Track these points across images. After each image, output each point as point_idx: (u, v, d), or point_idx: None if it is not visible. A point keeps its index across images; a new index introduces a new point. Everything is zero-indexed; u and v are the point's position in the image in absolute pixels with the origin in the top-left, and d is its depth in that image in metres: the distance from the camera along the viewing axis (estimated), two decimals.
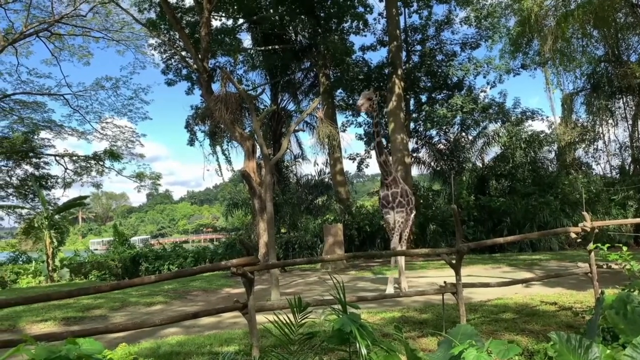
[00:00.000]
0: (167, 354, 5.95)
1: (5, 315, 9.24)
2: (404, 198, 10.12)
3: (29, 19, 22.06)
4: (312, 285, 12.58)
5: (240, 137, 15.60)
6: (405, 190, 10.28)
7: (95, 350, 2.77)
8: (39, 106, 26.54)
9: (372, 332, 3.92)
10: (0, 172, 28.93)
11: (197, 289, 12.89)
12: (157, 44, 22.57)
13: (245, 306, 5.46)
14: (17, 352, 2.53)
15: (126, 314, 9.87)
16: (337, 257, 7.56)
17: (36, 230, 21.55)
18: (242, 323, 7.99)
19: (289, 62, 21.29)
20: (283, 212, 20.32)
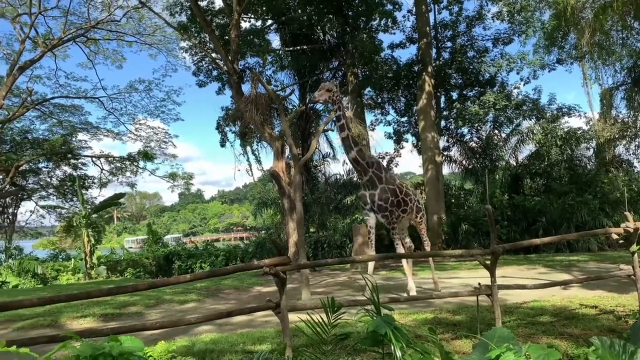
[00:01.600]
0: (202, 352, 6.03)
1: (48, 311, 9.55)
2: (384, 201, 9.29)
3: (66, 25, 22.80)
4: (342, 285, 12.56)
5: (269, 138, 15.71)
6: (393, 190, 9.45)
7: (136, 348, 2.83)
8: (76, 109, 27.41)
9: (406, 334, 3.89)
10: (41, 173, 30.05)
11: (229, 287, 13.05)
12: (188, 47, 22.99)
13: (278, 305, 5.49)
14: (64, 348, 2.62)
15: (161, 311, 10.06)
16: (369, 258, 7.50)
17: (75, 229, 22.27)
18: (273, 322, 8.04)
19: (317, 62, 21.31)
20: (312, 212, 20.36)
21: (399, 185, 9.79)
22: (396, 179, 10.03)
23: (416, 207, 10.16)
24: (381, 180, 9.37)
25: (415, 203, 10.10)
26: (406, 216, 10.00)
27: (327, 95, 8.96)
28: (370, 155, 9.75)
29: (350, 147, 9.11)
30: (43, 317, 9.19)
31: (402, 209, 9.68)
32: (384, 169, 9.66)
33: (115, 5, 22.91)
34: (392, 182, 9.58)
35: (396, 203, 9.51)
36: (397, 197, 9.55)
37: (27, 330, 8.58)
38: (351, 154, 9.14)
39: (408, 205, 9.80)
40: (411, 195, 9.99)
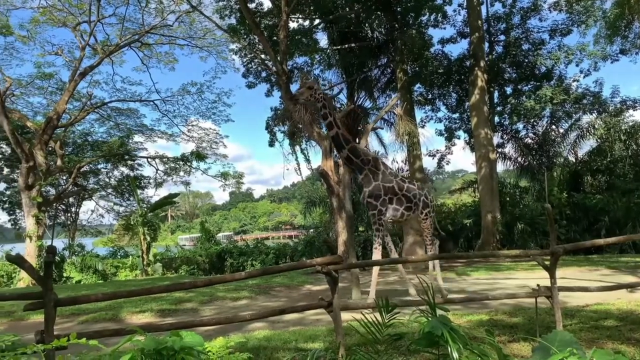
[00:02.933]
0: (255, 348, 6.11)
1: (109, 306, 10.00)
2: (375, 199, 8.94)
3: (122, 31, 23.80)
4: (393, 285, 12.42)
5: (318, 137, 15.74)
6: (390, 188, 9.03)
7: (196, 343, 2.91)
8: (132, 112, 28.57)
9: (463, 335, 3.80)
10: (101, 174, 31.59)
11: (279, 284, 13.20)
12: (237, 49, 23.38)
13: (330, 304, 5.48)
14: (129, 342, 2.72)
15: (214, 308, 10.30)
16: (422, 258, 7.37)
17: (132, 227, 23.25)
18: (325, 320, 8.07)
19: (365, 60, 21.14)
20: (361, 211, 20.26)
21: (399, 182, 9.28)
22: (397, 176, 9.60)
23: (422, 204, 9.55)
24: (376, 178, 9.02)
25: (422, 199, 9.56)
26: (412, 214, 9.50)
27: (309, 93, 8.74)
28: (366, 152, 9.38)
29: (342, 146, 8.87)
30: (105, 312, 9.62)
31: (405, 206, 9.25)
32: (382, 165, 9.27)
33: (168, 10, 23.68)
34: (389, 180, 9.14)
35: (396, 201, 9.13)
36: (395, 195, 9.15)
37: (90, 323, 8.99)
38: (343, 153, 9.00)
39: (412, 201, 9.35)
40: (415, 191, 9.44)
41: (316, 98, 8.75)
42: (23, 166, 20.24)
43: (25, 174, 20.09)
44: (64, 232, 31.40)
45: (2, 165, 29.92)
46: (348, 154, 8.91)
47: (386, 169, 9.31)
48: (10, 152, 27.97)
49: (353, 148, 8.99)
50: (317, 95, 8.75)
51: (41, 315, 8.92)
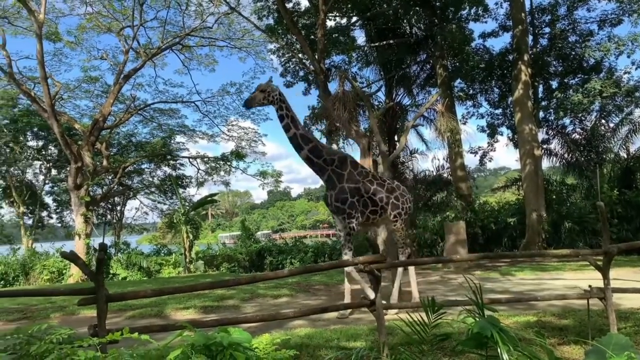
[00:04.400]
0: (298, 346, 6.12)
1: (154, 302, 10.23)
2: (342, 202, 8.48)
3: (164, 34, 24.43)
4: (435, 285, 12.22)
5: (356, 135, 15.68)
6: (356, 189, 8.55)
7: (244, 339, 2.94)
8: (174, 113, 29.29)
9: (513, 337, 3.69)
10: (144, 173, 32.57)
11: (319, 283, 13.21)
12: (275, 49, 23.59)
13: (373, 303, 5.44)
14: (179, 337, 2.77)
15: (255, 305, 10.41)
16: (468, 258, 7.17)
17: (175, 225, 23.84)
18: (366, 319, 8.02)
19: (403, 56, 20.90)
20: None
21: (366, 183, 8.76)
22: (368, 175, 9.00)
23: (392, 205, 8.94)
24: (341, 179, 8.58)
25: (392, 201, 8.96)
26: (378, 217, 8.96)
27: (262, 96, 8.47)
28: (330, 152, 8.90)
29: (300, 147, 8.51)
30: (150, 308, 9.84)
31: (371, 209, 8.72)
32: (350, 165, 8.78)
33: (207, 13, 24.12)
34: (355, 181, 8.65)
35: (362, 204, 8.63)
36: (361, 197, 8.64)
37: (137, 319, 9.23)
38: (302, 154, 8.56)
39: (378, 205, 8.75)
40: (382, 194, 8.82)
41: (270, 100, 8.48)
42: (72, 167, 21.07)
43: (74, 174, 20.91)
44: (110, 230, 32.53)
45: (51, 167, 31.30)
46: (308, 155, 8.55)
47: (355, 168, 8.84)
48: (58, 153, 29.24)
49: (314, 148, 8.59)
50: (272, 97, 8.48)
51: (91, 310, 9.25)
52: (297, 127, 8.60)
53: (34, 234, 29.70)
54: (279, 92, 8.59)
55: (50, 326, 3.32)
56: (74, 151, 20.70)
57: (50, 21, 22.50)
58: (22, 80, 22.50)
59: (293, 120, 8.58)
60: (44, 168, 31.32)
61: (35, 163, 31.18)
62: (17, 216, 29.97)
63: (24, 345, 2.99)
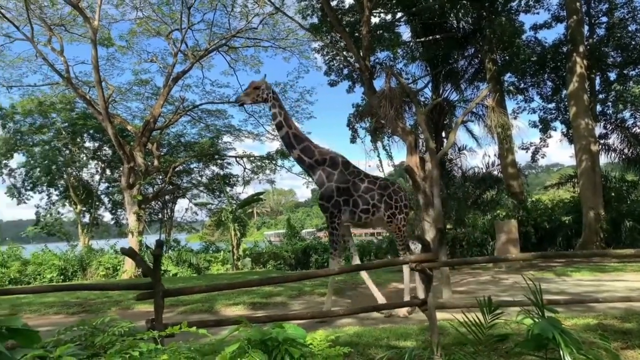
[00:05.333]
0: (347, 344, 6.08)
1: (204, 298, 10.47)
2: (327, 200, 8.41)
3: (211, 37, 24.95)
4: (486, 285, 11.90)
5: (402, 132, 15.43)
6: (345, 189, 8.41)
7: (299, 335, 2.94)
8: (221, 113, 29.88)
9: (576, 339, 3.53)
10: (193, 173, 33.46)
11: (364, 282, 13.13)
12: (319, 47, 23.64)
13: (424, 302, 5.35)
14: (236, 332, 2.79)
15: (303, 302, 10.46)
16: (523, 257, 6.91)
17: (223, 223, 24.35)
18: (415, 319, 7.91)
19: (450, 51, 20.41)
20: (448, 208, 19.62)
21: (356, 182, 8.61)
22: (359, 175, 8.80)
23: (385, 205, 8.67)
24: (331, 178, 8.50)
25: (385, 200, 8.67)
26: (372, 217, 8.68)
27: (255, 93, 8.45)
28: (322, 152, 8.80)
29: (292, 146, 8.53)
30: (201, 303, 10.08)
31: (362, 208, 8.52)
32: (341, 164, 8.69)
33: (253, 14, 24.45)
34: (345, 180, 8.55)
35: (352, 203, 8.46)
36: (351, 197, 8.48)
37: (188, 314, 9.46)
38: (294, 153, 8.60)
39: (369, 203, 8.56)
40: (373, 192, 8.60)
41: (264, 98, 8.48)
42: (125, 167, 21.89)
43: (127, 174, 21.72)
44: (161, 228, 33.60)
45: (106, 167, 32.67)
46: (299, 154, 8.58)
47: (346, 168, 8.72)
48: (112, 154, 30.47)
49: (305, 148, 8.60)
50: (265, 94, 8.48)
51: (145, 305, 9.57)
52: (290, 126, 8.64)
53: (90, 232, 31.08)
54: (272, 90, 8.68)
55: (113, 319, 3.44)
56: (126, 152, 21.50)
57: (104, 27, 23.45)
58: (78, 84, 23.58)
59: (286, 119, 8.63)
60: (99, 168, 32.76)
61: (91, 163, 32.65)
62: (75, 214, 31.45)
63: (88, 336, 3.11)
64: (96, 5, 20.66)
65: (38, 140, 29.59)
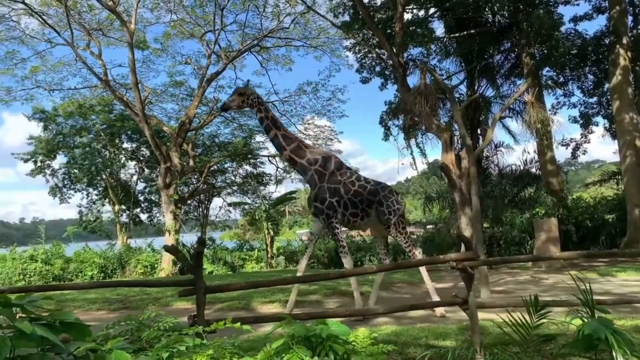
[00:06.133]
0: (385, 342, 6.02)
1: (241, 296, 10.57)
2: (321, 202, 8.34)
3: (243, 37, 25.20)
4: (525, 285, 11.62)
5: (437, 129, 15.23)
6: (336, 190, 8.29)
7: (342, 332, 2.93)
8: (254, 113, 30.09)
9: (630, 340, 3.39)
10: (227, 172, 33.91)
11: (400, 280, 13.03)
12: (351, 45, 23.55)
13: (465, 302, 5.25)
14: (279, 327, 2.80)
15: (338, 301, 10.45)
16: (568, 256, 6.70)
17: (257, 222, 24.59)
18: (453, 318, 7.79)
19: (485, 46, 19.97)
20: (484, 206, 19.20)
21: (347, 184, 8.45)
22: (352, 176, 8.70)
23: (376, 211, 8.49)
24: (322, 179, 8.45)
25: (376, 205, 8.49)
26: (360, 221, 8.58)
27: (240, 99, 8.52)
28: (314, 152, 8.83)
29: (282, 147, 8.56)
30: (238, 301, 10.19)
31: (350, 212, 8.37)
32: (334, 165, 8.66)
33: (284, 13, 24.56)
34: (337, 181, 8.45)
35: (342, 205, 8.33)
36: (342, 198, 8.35)
37: (225, 311, 9.57)
38: (284, 154, 8.68)
39: (359, 207, 8.41)
40: (363, 196, 8.45)
41: (249, 104, 8.57)
42: (161, 167, 22.37)
43: (164, 174, 22.19)
44: (196, 227, 34.20)
45: (144, 167, 33.50)
46: (290, 155, 8.62)
47: (338, 169, 8.66)
48: (149, 154, 31.20)
49: (296, 148, 8.63)
50: (250, 100, 8.56)
51: (183, 302, 9.73)
52: (278, 128, 8.71)
53: (128, 230, 31.94)
54: (257, 95, 8.80)
55: (158, 314, 3.51)
56: (163, 152, 21.96)
57: (139, 31, 23.99)
58: (116, 87, 24.22)
59: (274, 121, 8.70)
60: (137, 168, 33.62)
61: (129, 164, 33.54)
62: (114, 214, 32.37)
63: (134, 331, 3.18)
64: (132, 9, 21.22)
65: (78, 142, 30.59)
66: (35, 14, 21.00)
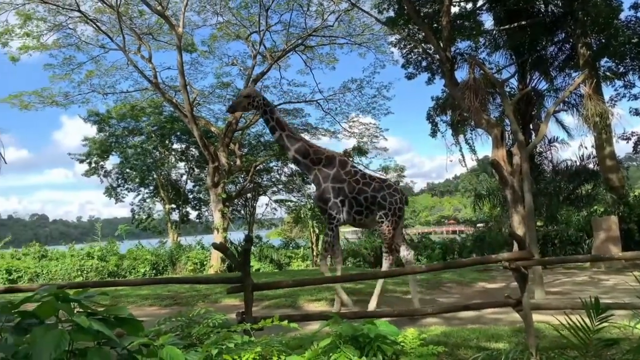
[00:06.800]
0: (434, 343, 5.90)
1: (287, 294, 10.62)
2: (324, 202, 8.46)
3: (287, 37, 25.37)
4: (583, 286, 11.10)
5: (487, 125, 14.76)
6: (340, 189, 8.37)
7: (390, 332, 2.87)
8: (298, 112, 30.30)
9: None
10: (273, 171, 34.31)
11: (450, 280, 12.73)
12: (396, 41, 23.22)
13: (519, 303, 5.05)
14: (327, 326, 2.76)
15: (384, 301, 10.31)
16: (631, 256, 6.32)
17: (302, 220, 24.72)
18: (505, 320, 7.54)
19: (538, 37, 19.15)
20: (538, 203, 18.48)
21: (352, 182, 8.52)
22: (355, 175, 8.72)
23: (378, 206, 8.48)
24: (326, 179, 8.54)
25: (379, 201, 8.50)
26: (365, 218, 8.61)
27: (247, 101, 8.70)
28: (318, 151, 8.87)
29: (287, 148, 8.73)
30: (284, 299, 10.23)
31: (355, 210, 8.42)
32: (338, 164, 8.71)
33: (328, 11, 24.51)
34: (341, 180, 8.51)
35: (347, 204, 8.42)
36: (346, 197, 8.43)
37: (272, 308, 9.63)
38: (289, 154, 8.84)
39: (363, 205, 8.46)
40: (367, 194, 8.47)
41: (255, 105, 8.74)
42: (210, 166, 22.89)
43: (212, 173, 22.71)
44: (243, 225, 34.77)
45: (193, 167, 34.42)
46: (294, 155, 8.74)
47: (342, 168, 8.71)
48: (197, 154, 32.02)
49: (300, 148, 8.73)
50: (256, 102, 8.71)
51: (231, 299, 9.87)
52: (283, 129, 8.86)
53: (178, 228, 32.90)
54: (263, 97, 9.00)
55: (207, 311, 3.55)
56: (211, 152, 22.47)
57: (187, 34, 24.61)
58: (165, 89, 24.96)
59: (278, 122, 8.85)
60: (186, 168, 34.59)
61: (179, 164, 34.56)
62: (164, 212, 33.46)
63: (184, 327, 3.23)
64: (180, 13, 21.81)
65: (130, 143, 31.82)
66: (90, 21, 22.00)
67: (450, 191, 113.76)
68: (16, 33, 21.67)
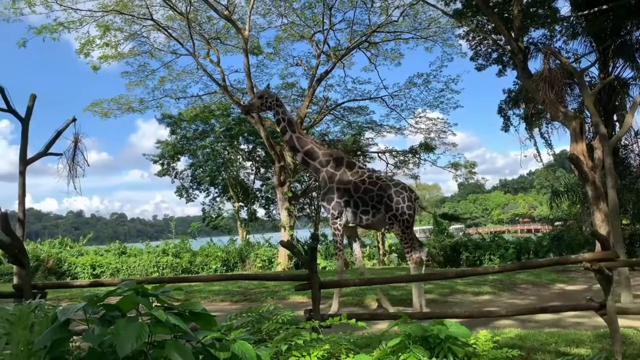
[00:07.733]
0: (508, 347, 5.64)
1: (354, 292, 10.68)
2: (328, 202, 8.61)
3: (351, 35, 25.28)
4: None
5: (564, 117, 13.94)
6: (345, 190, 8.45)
7: (461, 333, 2.78)
8: (363, 110, 30.14)
9: None
10: None
11: (525, 281, 12.18)
12: (464, 33, 22.49)
13: (603, 306, 4.72)
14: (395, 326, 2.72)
15: (455, 301, 10.05)
16: None
17: None
18: (587, 324, 7.15)
19: (621, 22, 17.75)
20: (623, 200, 17.17)
21: (358, 183, 8.58)
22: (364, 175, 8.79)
23: (385, 206, 8.37)
24: (333, 179, 8.67)
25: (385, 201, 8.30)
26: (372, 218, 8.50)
27: (260, 102, 8.94)
28: (326, 153, 9.03)
29: (296, 150, 8.90)
30: (352, 297, 10.28)
31: (362, 209, 8.36)
32: (346, 165, 8.87)
33: (393, 7, 24.16)
34: (347, 181, 8.60)
35: (353, 204, 8.51)
36: (351, 197, 8.52)
37: (339, 307, 9.66)
38: (298, 157, 9.02)
39: (369, 204, 8.49)
40: (373, 193, 8.46)
41: (268, 106, 9.02)
42: (276, 166, 23.36)
43: (278, 172, 23.16)
44: (309, 223, 35.15)
45: (260, 166, 35.28)
46: (303, 157, 8.93)
47: (350, 168, 8.84)
48: (264, 154, 32.77)
49: (309, 150, 8.90)
50: (269, 103, 9.00)
51: (299, 296, 10.03)
52: (294, 131, 9.01)
53: (247, 226, 33.86)
54: (276, 98, 9.27)
55: (276, 307, 3.62)
56: (277, 152, 22.91)
57: (253, 37, 25.21)
58: (233, 91, 25.75)
59: (290, 124, 9.03)
60: (254, 168, 35.53)
61: (247, 164, 35.56)
62: (234, 211, 34.55)
63: (255, 323, 3.31)
64: (246, 16, 22.40)
65: (200, 144, 33.14)
66: (162, 28, 23.18)
67: (524, 188, 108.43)
68: (97, 43, 23.25)
